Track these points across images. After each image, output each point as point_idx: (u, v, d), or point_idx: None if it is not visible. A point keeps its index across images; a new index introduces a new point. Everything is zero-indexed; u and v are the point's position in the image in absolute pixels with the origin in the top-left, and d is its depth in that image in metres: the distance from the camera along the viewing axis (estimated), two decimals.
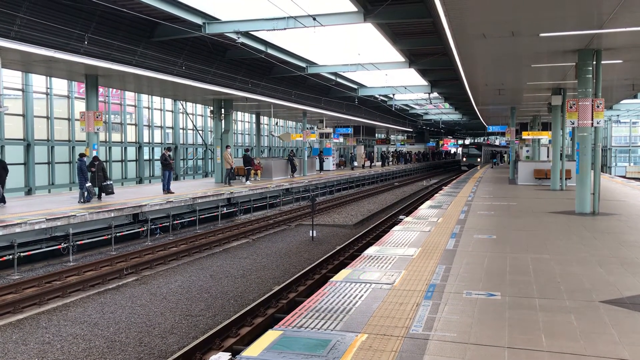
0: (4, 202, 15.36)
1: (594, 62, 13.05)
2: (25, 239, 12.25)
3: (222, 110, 25.28)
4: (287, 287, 10.35)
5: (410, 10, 15.43)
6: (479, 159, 63.44)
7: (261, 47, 19.81)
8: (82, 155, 16.58)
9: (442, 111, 50.54)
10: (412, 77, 28.12)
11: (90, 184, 16.13)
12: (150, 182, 28.16)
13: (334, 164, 41.02)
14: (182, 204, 17.37)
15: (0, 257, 11.61)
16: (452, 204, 15.55)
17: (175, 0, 15.29)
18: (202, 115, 34.13)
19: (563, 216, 12.89)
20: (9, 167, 16.10)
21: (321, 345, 4.59)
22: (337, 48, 22.39)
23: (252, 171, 25.87)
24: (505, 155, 59.67)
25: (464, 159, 67.15)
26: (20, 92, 20.74)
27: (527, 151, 36.93)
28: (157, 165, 28.44)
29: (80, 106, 22.02)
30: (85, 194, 15.99)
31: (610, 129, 52.48)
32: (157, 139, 30.22)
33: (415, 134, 67.93)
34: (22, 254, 11.92)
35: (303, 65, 24.08)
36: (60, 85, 22.79)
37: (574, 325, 5.10)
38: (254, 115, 36.73)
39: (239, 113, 37.64)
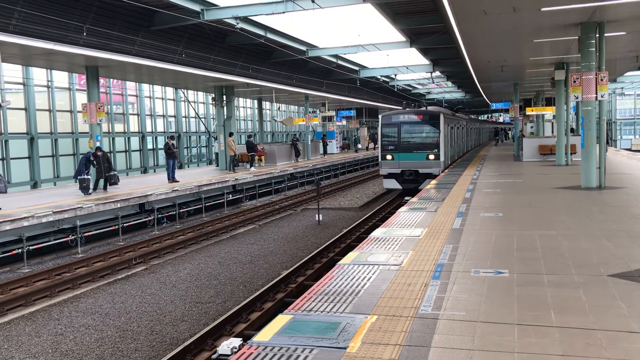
0: None
1: (597, 35, 12.88)
2: (34, 232, 12.34)
3: (224, 97, 25.19)
4: (296, 272, 10.41)
5: None
6: (431, 156, 19.90)
7: (261, 32, 19.66)
8: (98, 150, 16.60)
9: (444, 90, 50.15)
10: (414, 56, 27.88)
11: (88, 176, 15.99)
12: (154, 171, 28.20)
13: (337, 147, 40.94)
14: (188, 192, 17.41)
15: (9, 251, 11.72)
16: (457, 183, 15.51)
17: None
18: (204, 103, 34.01)
19: (569, 191, 12.85)
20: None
21: (331, 327, 4.61)
22: (337, 30, 22.18)
23: (256, 157, 25.87)
24: (510, 132, 58.60)
25: (388, 157, 20.27)
26: (21, 86, 20.71)
27: (532, 127, 36.69)
28: (161, 155, 28.46)
29: (81, 98, 21.95)
30: (79, 185, 15.97)
31: (614, 101, 52.06)
32: (160, 128, 30.17)
33: None
34: (31, 248, 12.02)
35: (303, 48, 23.91)
36: (61, 77, 22.73)
37: (583, 300, 5.11)
38: (255, 101, 36.61)
39: (241, 99, 37.52)
